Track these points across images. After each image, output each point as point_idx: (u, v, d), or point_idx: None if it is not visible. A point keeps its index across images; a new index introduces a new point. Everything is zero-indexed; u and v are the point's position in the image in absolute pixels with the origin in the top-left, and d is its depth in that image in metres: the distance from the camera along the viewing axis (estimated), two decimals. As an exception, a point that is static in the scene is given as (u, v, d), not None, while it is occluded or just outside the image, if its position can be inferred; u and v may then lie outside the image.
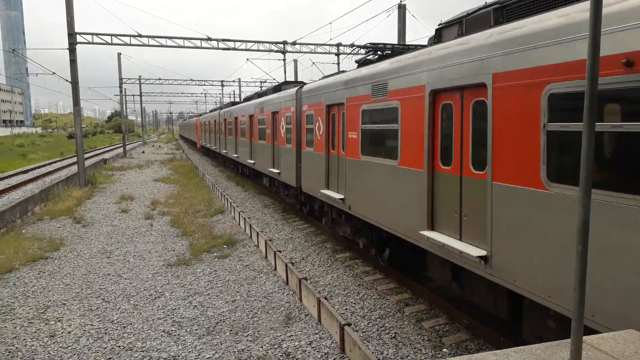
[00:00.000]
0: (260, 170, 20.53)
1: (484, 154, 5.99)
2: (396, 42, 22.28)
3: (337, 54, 35.10)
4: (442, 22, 8.02)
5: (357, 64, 10.81)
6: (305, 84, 14.98)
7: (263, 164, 19.65)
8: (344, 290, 9.28)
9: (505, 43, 5.54)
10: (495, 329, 7.11)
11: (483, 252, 5.92)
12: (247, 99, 27.90)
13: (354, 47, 34.61)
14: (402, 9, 23.12)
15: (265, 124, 18.98)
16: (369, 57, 10.48)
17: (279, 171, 16.95)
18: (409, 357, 6.70)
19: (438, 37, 7.97)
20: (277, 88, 19.47)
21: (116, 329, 7.84)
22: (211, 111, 46.16)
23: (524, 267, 5.33)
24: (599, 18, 2.86)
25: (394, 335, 7.36)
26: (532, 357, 3.45)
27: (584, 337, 3.45)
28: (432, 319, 7.81)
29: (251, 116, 22.12)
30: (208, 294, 9.47)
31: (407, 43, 12.38)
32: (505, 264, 5.60)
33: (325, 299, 8.54)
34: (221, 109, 36.18)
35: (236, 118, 26.20)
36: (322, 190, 11.88)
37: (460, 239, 6.57)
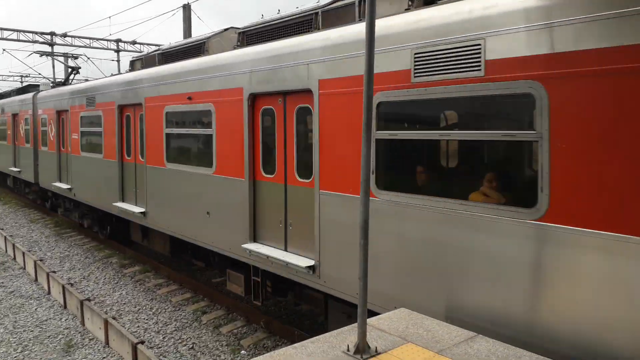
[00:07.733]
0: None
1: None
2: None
3: (117, 50, 32.44)
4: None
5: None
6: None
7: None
8: (135, 307, 8.59)
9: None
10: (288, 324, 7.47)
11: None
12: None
13: (135, 44, 32.48)
14: (187, 9, 22.65)
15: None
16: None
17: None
18: (208, 366, 6.56)
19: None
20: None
21: None
22: None
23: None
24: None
25: (191, 345, 7.11)
26: (327, 344, 3.73)
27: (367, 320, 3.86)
28: (230, 324, 7.78)
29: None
30: (-43, 333, 7.74)
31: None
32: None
33: (114, 318, 7.81)
34: None
35: None
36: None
37: None
